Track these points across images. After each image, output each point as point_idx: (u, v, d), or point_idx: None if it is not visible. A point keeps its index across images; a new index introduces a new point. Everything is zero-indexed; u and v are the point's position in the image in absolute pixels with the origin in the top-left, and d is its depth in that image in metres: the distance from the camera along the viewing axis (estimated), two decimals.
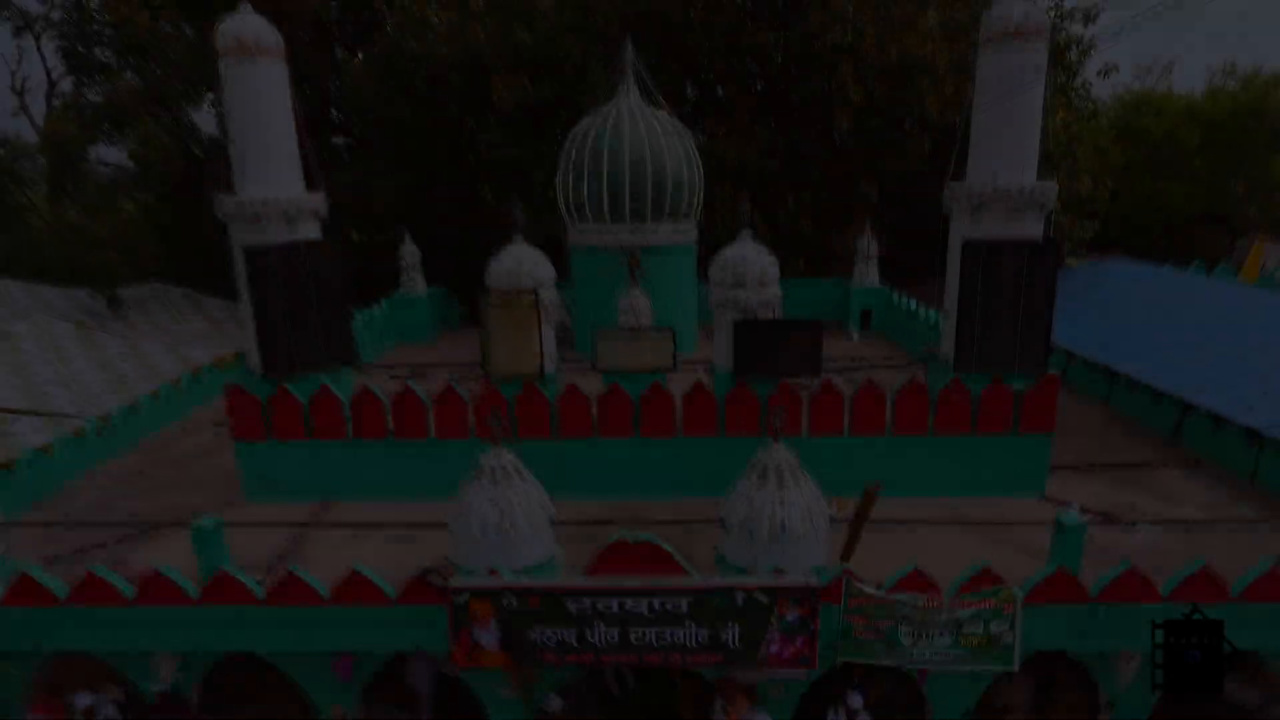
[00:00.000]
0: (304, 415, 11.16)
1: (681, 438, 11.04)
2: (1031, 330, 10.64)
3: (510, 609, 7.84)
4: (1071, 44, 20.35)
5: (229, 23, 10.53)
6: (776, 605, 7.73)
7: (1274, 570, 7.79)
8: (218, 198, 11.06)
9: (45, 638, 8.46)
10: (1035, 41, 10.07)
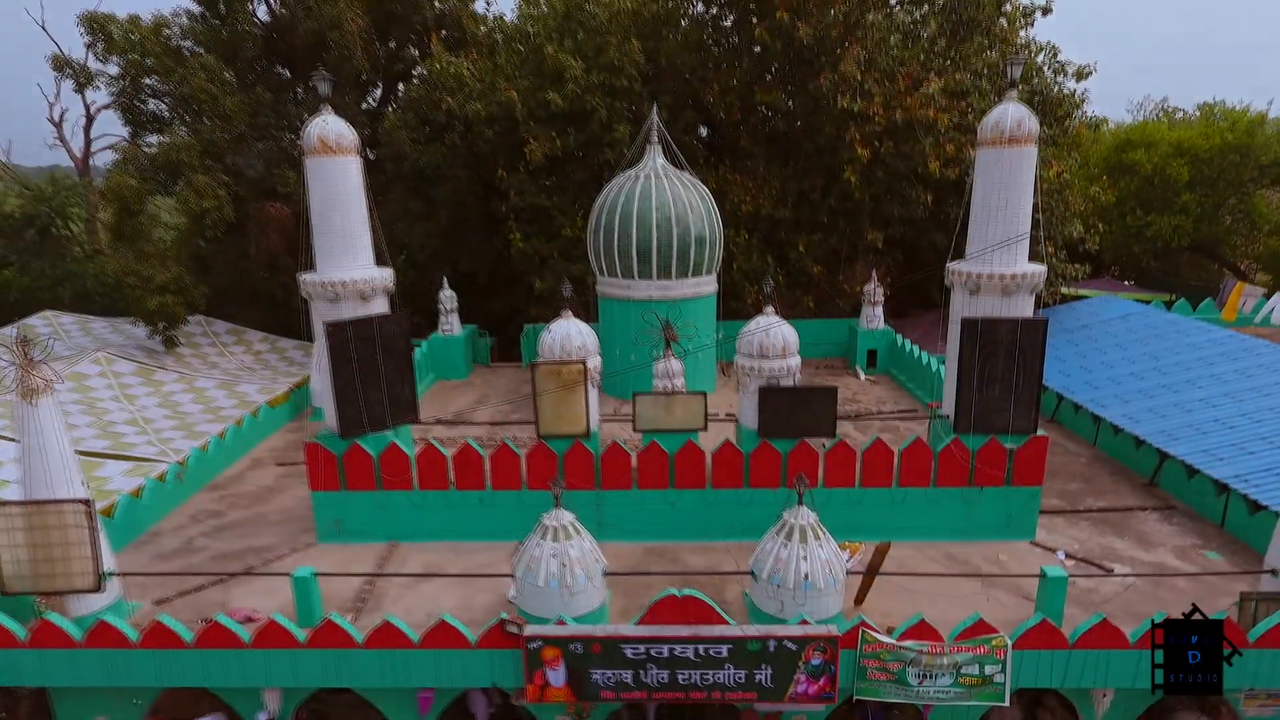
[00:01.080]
0: (374, 469, 12.52)
1: (711, 489, 12.40)
2: (1022, 396, 11.99)
3: (576, 654, 9.20)
4: (1064, 99, 21.71)
5: (314, 125, 11.86)
6: (804, 652, 9.10)
7: (1227, 619, 9.15)
8: (301, 278, 12.38)
9: (173, 675, 9.82)
10: (1026, 145, 11.41)
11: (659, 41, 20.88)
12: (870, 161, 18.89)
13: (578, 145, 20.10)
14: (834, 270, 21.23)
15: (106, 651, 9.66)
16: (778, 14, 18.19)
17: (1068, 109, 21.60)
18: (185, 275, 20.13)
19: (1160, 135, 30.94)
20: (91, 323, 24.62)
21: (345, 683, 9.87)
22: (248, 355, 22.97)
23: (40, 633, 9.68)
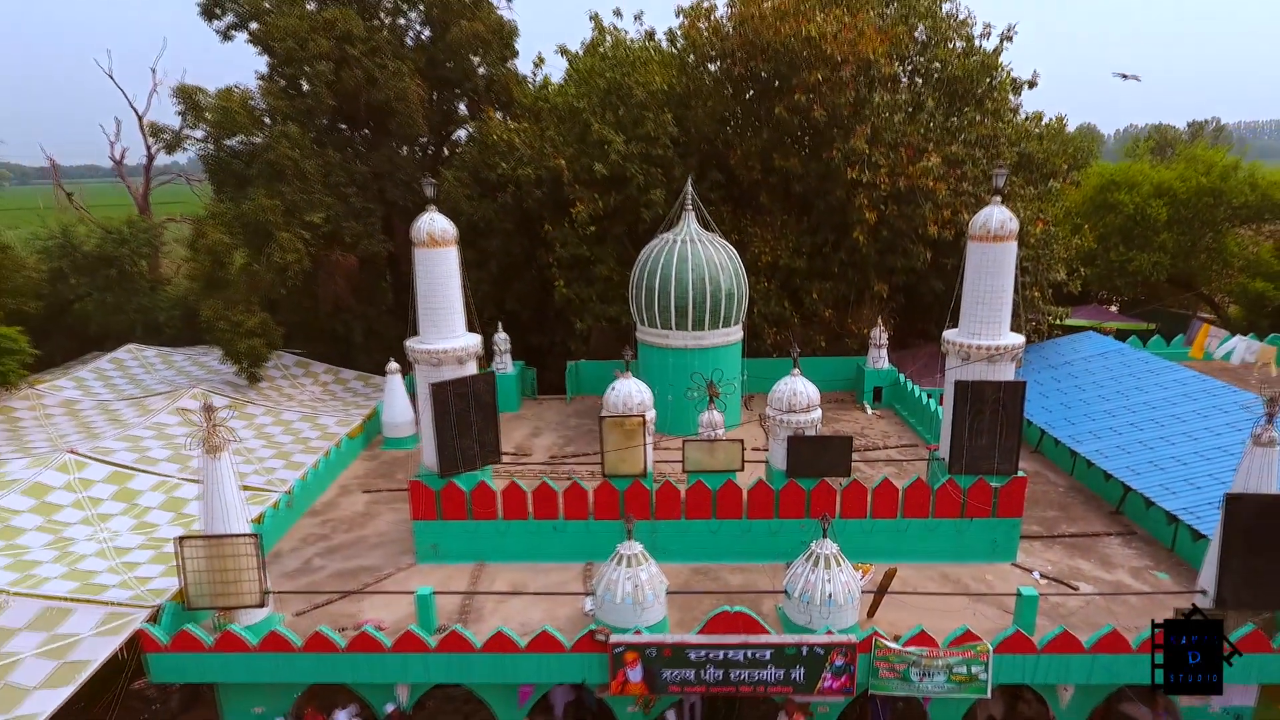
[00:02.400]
0: (466, 502, 15.00)
1: (747, 520, 14.87)
2: (1005, 444, 14.45)
3: (651, 656, 11.69)
4: (1048, 158, 24.20)
5: (423, 221, 14.40)
6: (829, 655, 11.58)
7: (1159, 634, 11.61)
8: (408, 345, 14.87)
9: (327, 673, 12.31)
10: (1008, 242, 13.89)
11: (687, 110, 23.41)
12: (876, 223, 21.40)
13: (617, 205, 22.60)
14: (843, 314, 23.70)
15: (277, 655, 12.15)
16: (795, 95, 20.72)
17: (1051, 169, 24.10)
18: (269, 320, 22.63)
19: (1142, 177, 33.44)
20: (172, 355, 27.18)
21: (465, 679, 12.36)
22: (315, 386, 25.46)
23: (223, 640, 12.18)
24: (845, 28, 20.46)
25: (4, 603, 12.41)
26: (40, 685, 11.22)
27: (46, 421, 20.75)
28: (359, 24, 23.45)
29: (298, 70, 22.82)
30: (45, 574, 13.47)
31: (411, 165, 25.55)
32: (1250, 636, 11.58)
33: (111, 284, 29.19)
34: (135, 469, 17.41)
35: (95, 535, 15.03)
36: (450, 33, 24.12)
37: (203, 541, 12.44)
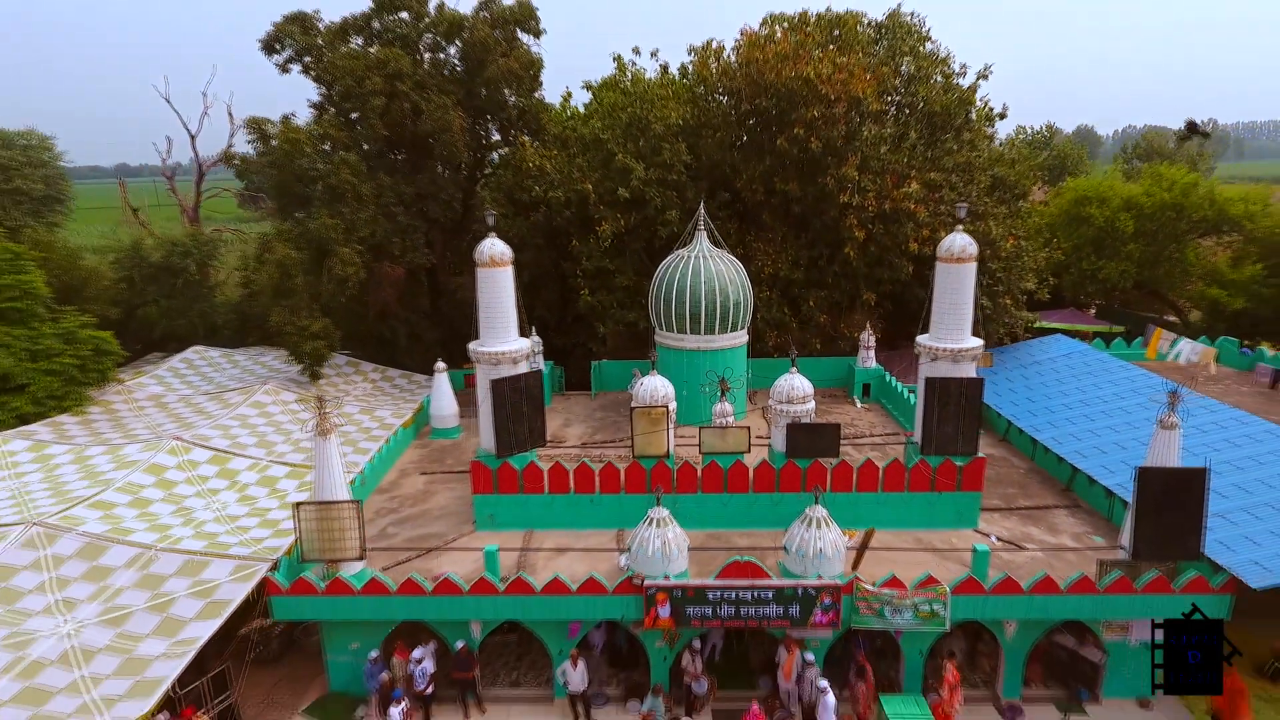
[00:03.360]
0: (518, 479, 17.86)
1: (753, 493, 17.71)
2: (967, 429, 17.30)
3: (677, 597, 14.55)
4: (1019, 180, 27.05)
5: (485, 246, 17.29)
6: (819, 596, 14.44)
7: (1084, 579, 14.47)
8: (471, 348, 17.74)
9: (416, 612, 15.18)
10: (969, 263, 16.73)
11: (699, 139, 26.29)
12: (865, 239, 24.25)
13: (636, 223, 25.45)
14: (837, 319, 26.52)
15: (376, 597, 15.03)
16: (794, 128, 23.58)
17: (1022, 191, 26.96)
18: (330, 324, 25.51)
19: (1112, 192, 36.26)
20: (234, 355, 30.05)
21: (525, 617, 15.22)
22: (365, 383, 28.32)
23: (332, 586, 15.05)
24: (838, 70, 23.32)
25: (154, 556, 15.31)
26: (194, 618, 14.11)
27: (140, 413, 23.64)
28: (408, 62, 26.33)
29: (355, 104, 25.67)
30: (178, 535, 16.36)
31: (451, 186, 28.42)
32: (1155, 581, 14.46)
33: (175, 291, 32.14)
34: (231, 453, 20.31)
35: (209, 506, 17.91)
36: (488, 69, 26.97)
37: (314, 506, 15.32)
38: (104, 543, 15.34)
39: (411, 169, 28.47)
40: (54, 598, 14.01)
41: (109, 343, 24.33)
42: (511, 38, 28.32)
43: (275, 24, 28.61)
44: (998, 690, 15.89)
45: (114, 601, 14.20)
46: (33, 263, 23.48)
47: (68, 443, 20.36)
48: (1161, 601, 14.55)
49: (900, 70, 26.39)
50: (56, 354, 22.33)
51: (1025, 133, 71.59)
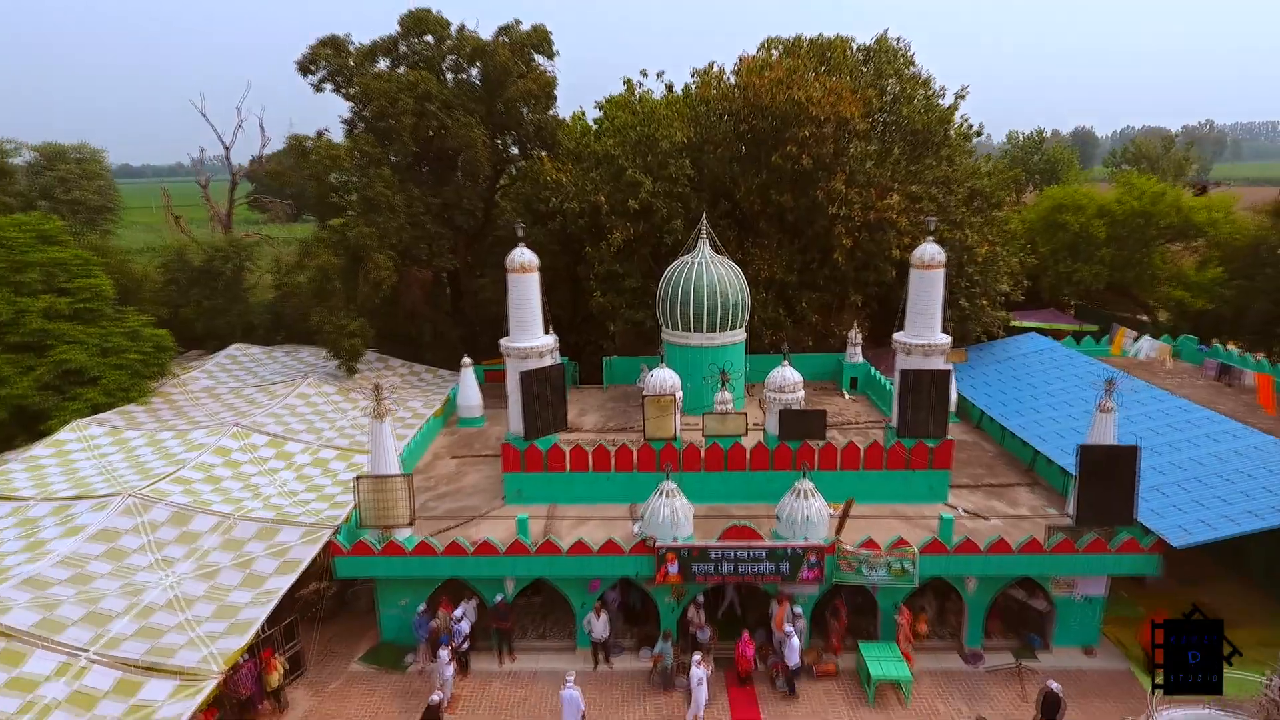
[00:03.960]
0: (543, 458, 20.19)
1: (749, 471, 20.03)
2: (937, 415, 19.62)
3: (684, 556, 16.88)
4: (994, 191, 29.37)
5: (516, 254, 19.66)
6: (806, 555, 16.78)
7: (1032, 541, 16.80)
8: (503, 344, 20.08)
9: (459, 570, 17.52)
10: (938, 269, 19.07)
11: (701, 155, 28.63)
12: (852, 246, 26.58)
13: (644, 231, 27.78)
14: (827, 318, 28.85)
15: (425, 557, 17.37)
16: (788, 146, 25.92)
17: (998, 201, 29.29)
18: (365, 324, 27.86)
19: (1086, 200, 38.54)
20: (273, 352, 32.36)
21: (553, 574, 17.54)
22: (395, 377, 30.62)
23: (388, 547, 17.39)
24: (827, 93, 25.65)
25: (233, 523, 17.67)
26: (272, 574, 16.47)
27: (196, 403, 25.98)
28: (436, 84, 28.67)
29: (388, 123, 27.99)
30: (250, 506, 18.71)
31: (473, 196, 30.76)
32: (1094, 543, 16.80)
33: (215, 293, 34.49)
34: (285, 437, 22.64)
35: (272, 483, 20.25)
36: (507, 90, 29.30)
37: (371, 479, 17.69)
38: (189, 511, 17.71)
39: (437, 181, 30.81)
40: (154, 556, 16.37)
41: (167, 340, 26.68)
42: (528, 60, 30.65)
43: (310, 47, 30.94)
44: (962, 640, 18.23)
45: (204, 560, 16.56)
46: (99, 267, 25.83)
47: (139, 428, 22.70)
48: (1098, 560, 16.93)
49: (885, 91, 28.72)
50: (124, 350, 24.66)
51: (1017, 137, 73.99)
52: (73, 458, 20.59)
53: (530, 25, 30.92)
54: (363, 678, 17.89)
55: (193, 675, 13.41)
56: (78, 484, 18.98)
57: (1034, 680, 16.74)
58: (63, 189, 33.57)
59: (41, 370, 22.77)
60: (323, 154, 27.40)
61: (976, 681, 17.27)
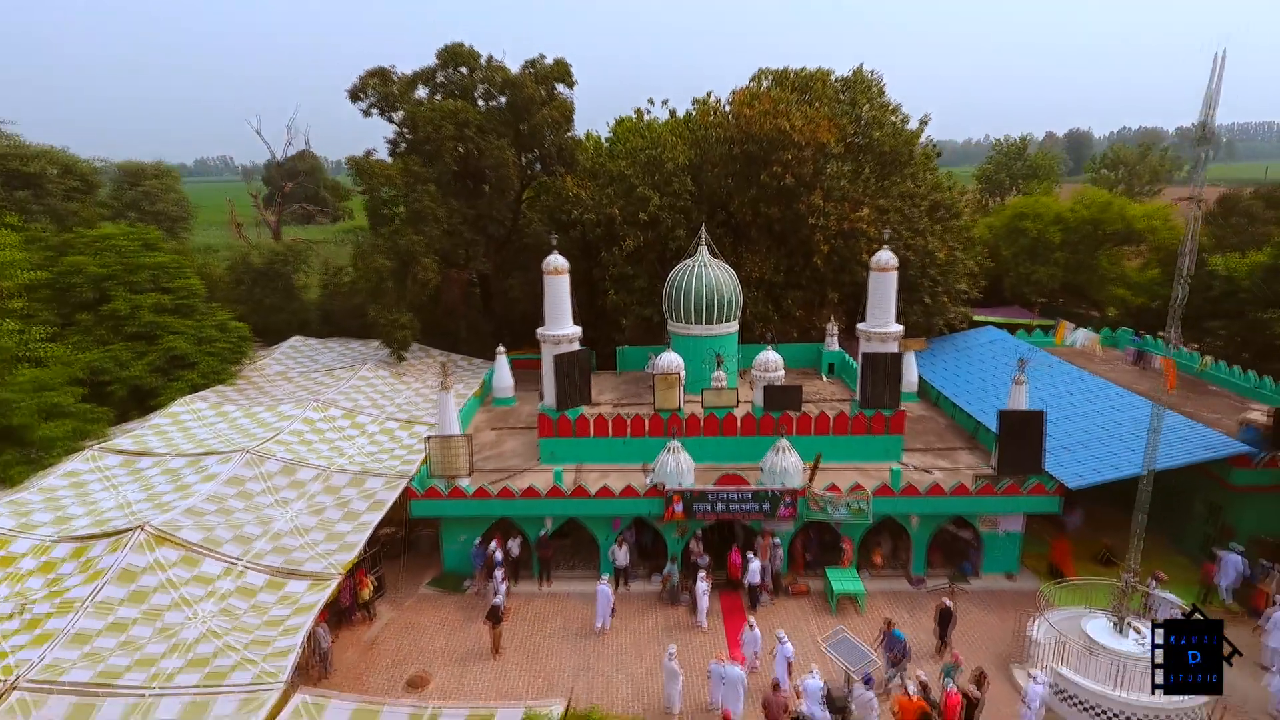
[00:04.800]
0: (572, 426, 24.55)
1: (740, 436, 24.37)
2: (892, 390, 23.98)
3: (688, 498, 21.27)
4: (953, 203, 33.71)
5: (551, 258, 24.07)
6: (783, 497, 21.16)
7: (960, 486, 21.15)
8: (540, 332, 24.45)
9: (510, 510, 21.91)
10: (891, 271, 23.42)
11: (701, 173, 32.99)
12: (829, 252, 30.91)
13: (652, 239, 32.15)
14: (809, 313, 33.21)
15: (482, 500, 21.75)
16: (774, 167, 30.28)
17: (957, 212, 33.63)
18: (413, 318, 32.25)
19: (1044, 209, 42.87)
20: (328, 343, 36.74)
21: (583, 513, 21.88)
22: (436, 364, 34.99)
23: (453, 491, 21.77)
24: (807, 122, 29.99)
25: (330, 474, 22.06)
26: (365, 511, 20.83)
27: (274, 384, 30.34)
28: (474, 112, 33.04)
29: (432, 145, 32.34)
30: (339, 462, 23.08)
31: (503, 208, 35.13)
32: (1009, 487, 21.16)
33: (274, 292, 38.90)
34: (356, 410, 27.03)
35: (352, 446, 24.60)
36: (533, 116, 33.64)
37: (438, 438, 22.08)
38: (295, 465, 22.09)
39: (471, 194, 35.17)
40: (273, 498, 20.75)
41: (246, 332, 31.10)
42: (551, 89, 34.99)
43: (360, 77, 35.30)
44: (909, 568, 22.58)
45: (312, 501, 20.95)
46: (190, 269, 30.22)
47: (233, 403, 27.10)
48: (1013, 501, 21.31)
49: (860, 117, 33.07)
50: (214, 340, 29.06)
51: (1002, 145, 78.22)
52: (187, 426, 24.96)
53: (553, 59, 35.30)
54: (430, 598, 22.28)
55: (320, 577, 17.82)
56: (198, 445, 23.34)
57: (963, 597, 21.12)
58: (148, 201, 38.05)
59: (152, 356, 27.14)
60: (379, 174, 31.77)
61: (919, 599, 21.61)
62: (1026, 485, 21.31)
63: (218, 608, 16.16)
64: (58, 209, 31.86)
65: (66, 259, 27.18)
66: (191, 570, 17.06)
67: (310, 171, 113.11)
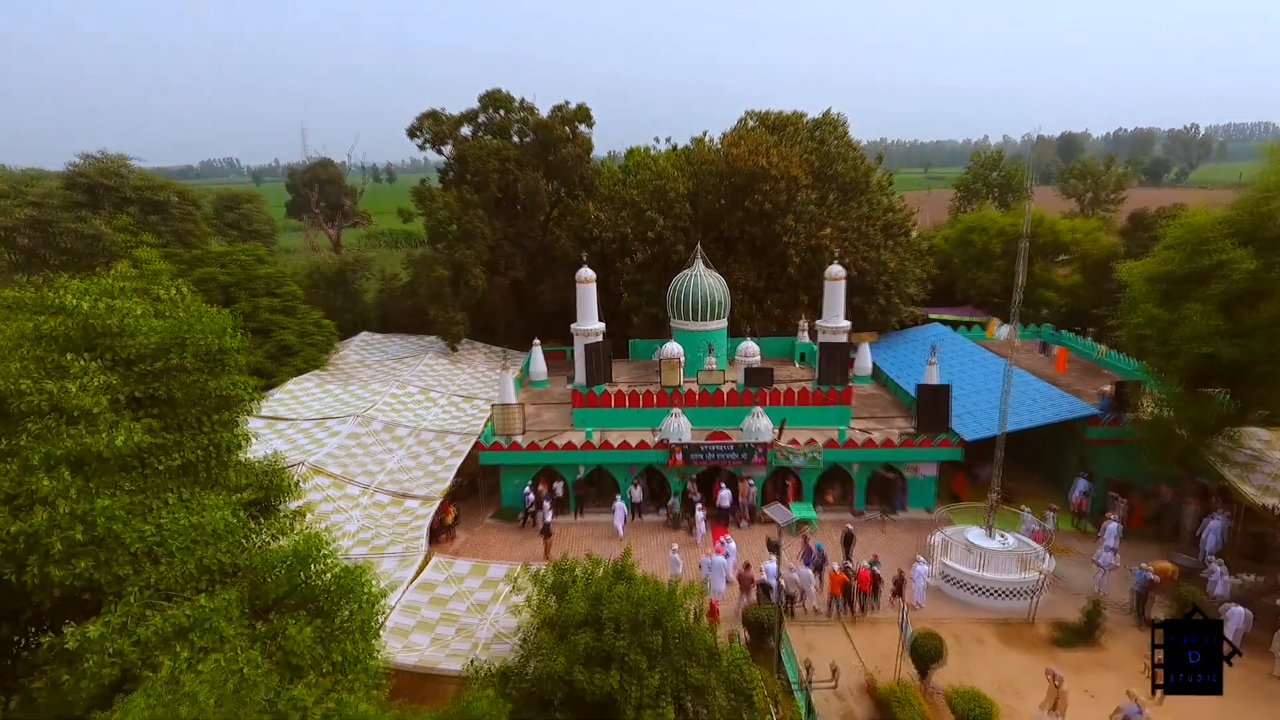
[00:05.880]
0: (598, 399, 31.58)
1: (726, 406, 31.37)
2: (842, 371, 30.99)
3: (686, 449, 28.31)
4: (902, 221, 40.70)
5: (582, 270, 31.11)
6: (757, 448, 28.19)
7: (888, 440, 28.15)
8: (574, 327, 31.50)
9: (552, 460, 28.94)
10: (841, 281, 30.44)
11: (697, 198, 40.00)
12: (800, 263, 37.94)
13: (657, 252, 39.18)
14: (786, 313, 40.20)
15: (532, 451, 28.80)
16: (755, 195, 37.26)
17: (906, 229, 40.63)
18: (466, 317, 39.31)
19: (990, 223, 49.80)
20: (391, 338, 43.81)
21: (608, 461, 28.92)
22: (481, 355, 42.08)
23: (511, 446, 28.84)
24: (782, 159, 36.99)
25: (418, 432, 29.13)
26: (449, 457, 27.88)
27: (357, 370, 37.39)
28: (512, 148, 40.07)
29: (480, 177, 39.37)
30: (424, 423, 30.14)
31: (535, 226, 42.17)
32: (924, 441, 28.19)
33: (342, 295, 45.97)
34: (428, 388, 34.10)
35: (429, 413, 31.68)
36: (560, 151, 40.67)
37: (500, 405, 29.18)
38: (393, 425, 29.16)
39: (510, 215, 42.22)
40: (382, 447, 27.80)
41: (333, 328, 38.16)
42: (574, 129, 42.03)
43: (416, 118, 42.34)
44: (852, 504, 29.60)
45: (411, 449, 28.02)
46: (289, 277, 37.28)
47: (332, 382, 34.17)
48: (926, 451, 28.33)
49: (827, 152, 40.06)
50: (312, 334, 36.11)
51: (979, 156, 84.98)
52: (301, 399, 32.02)
53: (575, 104, 42.32)
54: (494, 526, 29.30)
55: (427, 499, 24.89)
56: (316, 412, 30.43)
57: (892, 526, 28.16)
58: (245, 222, 45.16)
59: (268, 346, 34.19)
60: (440, 202, 38.85)
61: (857, 525, 28.54)
62: (937, 440, 28.34)
63: (363, 514, 23.25)
64: (179, 229, 38.87)
65: (199, 270, 34.22)
66: (340, 491, 24.14)
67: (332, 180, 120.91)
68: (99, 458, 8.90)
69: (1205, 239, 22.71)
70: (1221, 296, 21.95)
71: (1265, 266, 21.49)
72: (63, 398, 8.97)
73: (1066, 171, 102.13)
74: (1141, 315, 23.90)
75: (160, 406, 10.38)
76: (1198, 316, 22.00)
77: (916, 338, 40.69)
